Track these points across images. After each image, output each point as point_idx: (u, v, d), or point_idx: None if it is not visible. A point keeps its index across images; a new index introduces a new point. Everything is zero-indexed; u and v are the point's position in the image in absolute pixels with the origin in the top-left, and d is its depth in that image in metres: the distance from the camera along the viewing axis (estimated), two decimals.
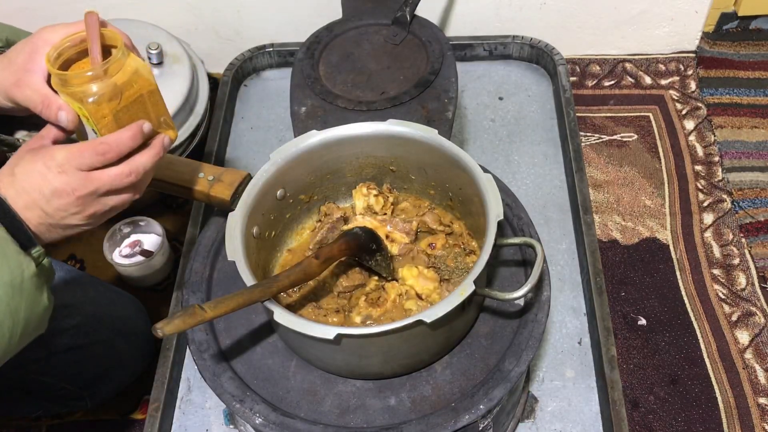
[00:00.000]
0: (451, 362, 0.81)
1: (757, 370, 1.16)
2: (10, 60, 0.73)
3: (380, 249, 0.86)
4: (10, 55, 0.73)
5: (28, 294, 0.66)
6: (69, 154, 0.67)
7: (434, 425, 0.75)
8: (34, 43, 0.72)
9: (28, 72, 0.71)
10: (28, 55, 0.71)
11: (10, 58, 0.73)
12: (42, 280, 0.68)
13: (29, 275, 0.66)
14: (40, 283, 0.68)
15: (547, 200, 1.32)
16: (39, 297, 0.68)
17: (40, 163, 0.67)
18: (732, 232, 1.32)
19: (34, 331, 0.70)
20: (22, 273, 0.65)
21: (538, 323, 0.82)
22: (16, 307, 0.65)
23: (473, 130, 1.43)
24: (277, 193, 0.87)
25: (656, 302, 1.24)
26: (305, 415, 0.78)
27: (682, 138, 1.46)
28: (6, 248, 0.65)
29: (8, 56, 0.73)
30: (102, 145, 0.68)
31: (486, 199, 0.78)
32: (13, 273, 0.64)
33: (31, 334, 0.69)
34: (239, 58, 1.51)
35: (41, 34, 0.72)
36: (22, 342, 0.68)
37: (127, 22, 1.46)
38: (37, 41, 0.72)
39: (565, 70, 1.44)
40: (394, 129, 0.87)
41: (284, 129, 1.45)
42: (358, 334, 0.70)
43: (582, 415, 1.08)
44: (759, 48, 1.58)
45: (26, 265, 0.66)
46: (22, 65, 0.72)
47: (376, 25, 1.18)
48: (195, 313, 0.65)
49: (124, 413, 1.16)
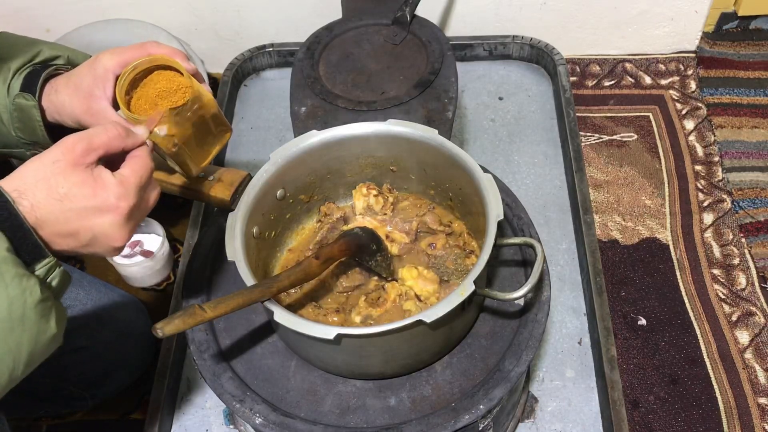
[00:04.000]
0: (451, 362, 0.81)
1: (757, 370, 1.16)
2: (76, 86, 0.77)
3: (380, 249, 0.86)
4: (75, 81, 0.78)
5: (32, 325, 0.58)
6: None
7: (434, 425, 0.75)
8: (95, 69, 0.76)
9: (95, 99, 0.76)
10: (92, 81, 0.76)
11: (76, 84, 0.77)
12: (48, 305, 0.59)
13: (32, 304, 0.57)
14: (45, 310, 0.59)
15: (547, 200, 1.32)
16: (44, 326, 0.59)
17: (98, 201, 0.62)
18: (732, 232, 1.32)
19: (40, 359, 0.61)
20: (24, 303, 0.57)
21: (538, 323, 0.82)
22: (17, 342, 0.57)
23: (473, 130, 1.43)
24: (277, 193, 0.87)
25: (656, 302, 1.24)
26: (305, 415, 0.78)
27: (682, 138, 1.46)
28: (6, 272, 0.56)
29: (73, 82, 0.78)
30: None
31: (486, 199, 0.78)
32: (13, 305, 0.56)
33: (36, 362, 0.61)
34: (239, 58, 1.51)
35: (101, 60, 0.76)
36: (26, 373, 0.60)
37: (127, 22, 1.46)
38: (98, 68, 0.76)
39: (565, 70, 1.44)
40: (394, 129, 0.87)
41: (284, 129, 1.45)
42: (358, 334, 0.70)
43: (582, 415, 1.08)
44: (759, 48, 1.58)
45: (29, 291, 0.57)
46: (88, 92, 0.76)
47: (376, 25, 1.18)
48: (195, 313, 0.65)
49: (124, 413, 1.16)
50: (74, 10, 1.46)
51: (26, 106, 0.78)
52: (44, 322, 0.59)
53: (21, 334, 0.57)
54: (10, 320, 0.56)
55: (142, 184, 0.65)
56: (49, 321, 0.59)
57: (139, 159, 0.66)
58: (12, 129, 0.80)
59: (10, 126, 0.80)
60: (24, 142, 0.82)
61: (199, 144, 0.79)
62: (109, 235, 0.63)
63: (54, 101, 0.79)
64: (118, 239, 0.64)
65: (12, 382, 0.58)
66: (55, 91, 0.79)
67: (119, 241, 0.64)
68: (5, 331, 0.56)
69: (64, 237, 0.61)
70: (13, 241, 0.57)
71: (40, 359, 0.61)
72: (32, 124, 0.79)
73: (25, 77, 0.79)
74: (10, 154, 0.85)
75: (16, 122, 0.80)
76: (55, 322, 0.60)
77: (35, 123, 0.79)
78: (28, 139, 0.81)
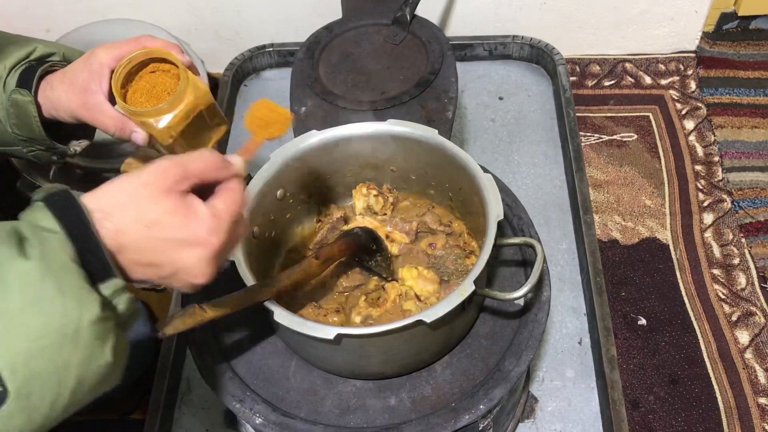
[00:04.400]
0: (451, 362, 0.81)
1: (757, 370, 1.16)
2: (71, 82, 0.78)
3: (380, 249, 0.86)
4: (70, 76, 0.78)
5: (84, 345, 0.49)
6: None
7: (434, 425, 0.75)
8: (90, 64, 0.77)
9: (91, 93, 0.76)
10: (87, 75, 0.76)
11: (71, 80, 0.78)
12: (107, 328, 0.51)
13: (88, 321, 0.49)
14: (103, 332, 0.51)
15: (547, 200, 1.32)
16: (99, 350, 0.50)
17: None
18: (732, 232, 1.32)
19: (88, 393, 0.52)
20: (80, 318, 0.49)
21: (538, 323, 0.82)
22: (66, 361, 0.48)
23: (473, 130, 1.43)
24: (277, 193, 0.87)
25: (656, 302, 1.24)
26: (305, 415, 0.78)
27: (682, 138, 1.46)
28: (65, 280, 0.49)
29: (69, 77, 0.78)
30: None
31: (486, 199, 0.78)
32: (67, 317, 0.48)
33: (83, 396, 0.51)
34: (239, 58, 1.51)
35: (96, 55, 0.77)
36: (69, 408, 0.50)
37: (127, 22, 1.46)
38: (93, 63, 0.76)
39: (565, 70, 1.44)
40: (394, 129, 0.87)
41: None
42: (358, 334, 0.70)
43: (582, 415, 1.08)
44: (759, 48, 1.58)
45: (88, 306, 0.49)
46: (84, 86, 0.76)
47: (376, 25, 1.18)
48: (195, 313, 0.65)
49: (124, 413, 1.16)
50: (74, 10, 1.46)
51: (22, 102, 0.79)
52: (99, 345, 0.50)
53: (71, 352, 0.49)
54: (62, 335, 0.48)
55: (234, 220, 0.59)
56: (105, 346, 0.51)
57: (233, 192, 0.60)
58: (8, 126, 0.81)
59: (6, 123, 0.81)
60: (21, 139, 0.82)
61: (196, 136, 0.80)
62: (193, 271, 0.57)
63: (50, 97, 0.79)
64: (201, 276, 0.58)
65: (52, 413, 0.49)
66: (50, 87, 0.79)
67: (202, 278, 0.58)
68: (54, 347, 0.48)
69: (144, 266, 0.56)
70: (82, 253, 0.51)
71: (89, 395, 0.52)
72: (29, 120, 0.80)
73: (21, 74, 0.79)
74: (7, 152, 0.85)
75: (13, 119, 0.80)
76: (111, 350, 0.51)
77: (32, 119, 0.79)
78: (25, 136, 0.82)
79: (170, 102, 0.75)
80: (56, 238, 0.50)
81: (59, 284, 0.48)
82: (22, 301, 0.47)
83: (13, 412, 0.46)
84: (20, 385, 0.46)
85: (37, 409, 0.48)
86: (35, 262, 0.48)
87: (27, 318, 0.47)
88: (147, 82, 0.78)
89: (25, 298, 0.47)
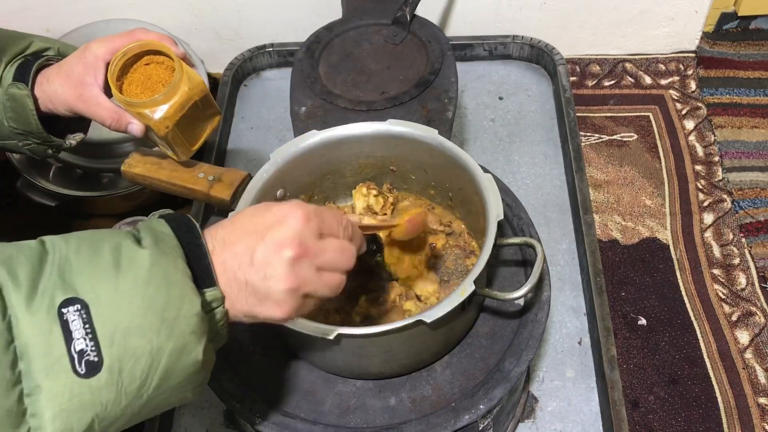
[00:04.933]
0: (451, 362, 0.81)
1: (757, 370, 1.16)
2: (67, 75, 0.79)
3: (380, 249, 0.86)
4: (66, 70, 0.80)
5: (180, 335, 0.51)
6: None
7: (434, 425, 0.75)
8: (85, 58, 0.78)
9: (86, 86, 0.78)
10: (83, 68, 0.78)
11: (67, 73, 0.79)
12: (203, 328, 0.53)
13: (187, 313, 0.51)
14: (199, 329, 0.52)
15: (547, 200, 1.32)
16: (192, 344, 0.52)
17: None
18: (732, 232, 1.32)
19: (171, 394, 0.53)
20: (181, 307, 0.51)
21: (538, 323, 0.82)
22: (159, 346, 0.50)
23: (473, 130, 1.43)
24: (277, 193, 0.87)
25: (656, 302, 1.24)
26: (305, 415, 0.78)
27: (682, 138, 1.46)
28: (172, 272, 0.52)
29: (64, 71, 0.80)
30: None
31: (486, 199, 0.78)
32: (170, 302, 0.50)
33: (166, 396, 0.52)
34: (239, 58, 1.51)
35: (91, 49, 0.78)
36: (152, 401, 0.51)
37: (127, 22, 1.46)
38: (88, 56, 0.78)
39: (565, 70, 1.44)
40: (394, 129, 0.87)
41: (284, 129, 1.45)
42: (358, 334, 0.70)
43: (582, 415, 1.08)
44: (759, 48, 1.58)
45: (189, 298, 0.52)
46: (79, 79, 0.78)
47: (376, 25, 1.18)
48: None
49: None
50: (74, 10, 1.46)
51: (19, 96, 0.79)
52: (193, 340, 0.52)
53: (166, 339, 0.50)
54: (161, 318, 0.50)
55: (338, 268, 0.61)
56: (198, 343, 0.52)
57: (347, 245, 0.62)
58: (5, 119, 0.81)
59: (2, 116, 0.81)
60: (17, 133, 0.83)
61: (191, 127, 0.82)
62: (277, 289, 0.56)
63: (46, 90, 0.80)
64: (285, 305, 0.57)
65: (137, 400, 0.50)
66: (47, 80, 0.80)
67: (287, 307, 0.57)
68: (152, 329, 0.50)
69: (237, 273, 0.56)
70: (189, 258, 0.54)
71: (171, 395, 0.53)
72: (25, 113, 0.80)
73: (17, 68, 0.80)
74: (2, 146, 0.86)
75: (9, 112, 0.81)
76: (202, 350, 0.52)
77: (28, 112, 0.80)
78: (21, 129, 0.82)
79: (165, 93, 0.77)
80: (168, 238, 0.54)
81: (167, 274, 0.51)
82: (133, 283, 0.50)
83: (103, 384, 0.48)
84: (114, 358, 0.48)
85: (125, 387, 0.49)
86: (148, 251, 0.52)
87: (133, 297, 0.50)
88: (142, 74, 0.79)
89: (136, 281, 0.50)
